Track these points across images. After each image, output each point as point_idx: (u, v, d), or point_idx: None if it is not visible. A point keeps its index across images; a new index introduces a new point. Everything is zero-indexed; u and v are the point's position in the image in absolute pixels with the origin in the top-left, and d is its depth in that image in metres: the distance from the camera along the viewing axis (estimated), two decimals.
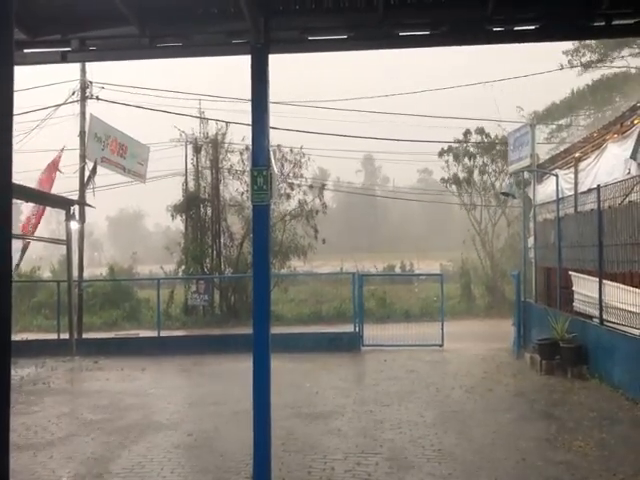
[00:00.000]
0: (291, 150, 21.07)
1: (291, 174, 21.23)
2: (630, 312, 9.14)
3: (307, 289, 24.62)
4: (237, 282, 21.09)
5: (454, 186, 22.38)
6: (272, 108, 5.60)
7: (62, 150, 17.64)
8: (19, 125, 18.06)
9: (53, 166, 17.21)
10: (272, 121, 5.64)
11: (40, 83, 18.74)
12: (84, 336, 15.74)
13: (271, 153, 5.54)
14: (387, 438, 7.05)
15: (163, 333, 14.90)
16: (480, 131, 22.22)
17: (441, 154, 22.50)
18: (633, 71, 26.80)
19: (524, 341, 12.94)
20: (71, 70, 17.82)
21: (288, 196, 21.23)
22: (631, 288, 9.24)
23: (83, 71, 17.84)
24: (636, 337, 8.69)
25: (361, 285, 14.76)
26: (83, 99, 17.80)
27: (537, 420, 7.80)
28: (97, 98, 17.73)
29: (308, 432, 7.37)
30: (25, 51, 5.83)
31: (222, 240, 22.15)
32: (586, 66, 27.34)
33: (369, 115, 25.46)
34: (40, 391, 10.25)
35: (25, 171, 16.92)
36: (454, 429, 7.38)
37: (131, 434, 7.47)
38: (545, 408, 8.40)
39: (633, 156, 9.51)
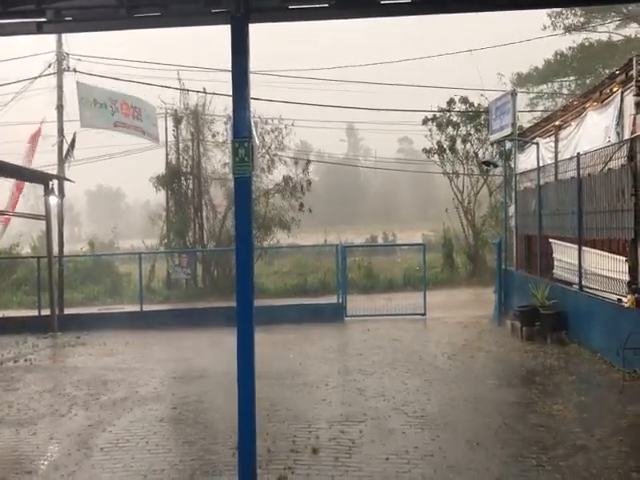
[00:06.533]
0: (271, 120, 20.84)
1: (273, 146, 21.02)
2: (608, 278, 9.28)
3: (291, 261, 24.60)
4: (220, 255, 21.00)
5: (436, 155, 22.30)
6: (253, 78, 5.48)
7: (42, 123, 17.33)
8: None
9: (33, 138, 16.90)
10: (253, 92, 5.53)
11: (13, 55, 18.31)
12: (65, 312, 15.63)
13: (252, 124, 5.44)
14: (371, 406, 7.13)
15: (145, 307, 14.83)
16: (464, 100, 22.11)
17: (425, 122, 22.37)
18: (615, 38, 26.81)
19: (505, 308, 13.11)
20: (47, 42, 17.44)
21: (269, 168, 21.02)
22: (609, 254, 9.37)
23: (59, 42, 17.39)
24: (614, 302, 8.84)
25: (344, 257, 14.79)
26: (60, 72, 17.37)
27: (518, 385, 7.94)
28: (74, 70, 17.31)
29: (292, 402, 7.42)
30: None
31: (204, 213, 21.99)
32: (569, 29, 27.30)
33: (352, 85, 25.26)
34: (22, 368, 10.19)
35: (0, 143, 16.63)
36: (437, 396, 7.49)
37: (115, 409, 7.47)
38: (525, 373, 8.55)
39: (617, 123, 9.52)
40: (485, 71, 22.82)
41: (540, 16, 27.42)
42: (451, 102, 22.18)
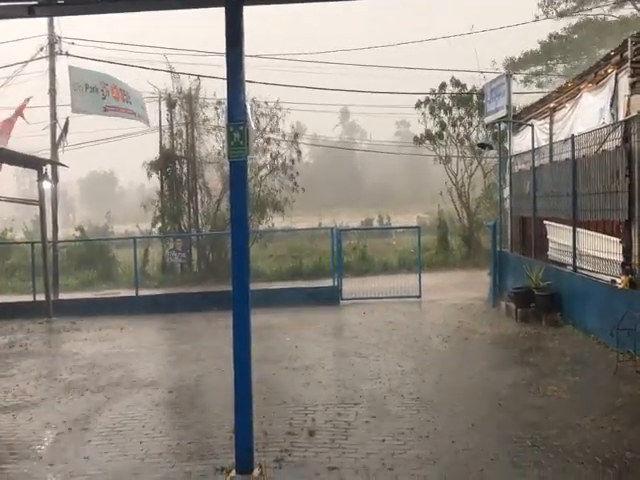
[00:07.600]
0: (266, 103, 20.71)
1: (267, 128, 20.92)
2: (602, 259, 9.31)
3: (286, 245, 24.57)
4: (215, 239, 20.96)
5: (428, 141, 22.20)
6: (247, 61, 5.41)
7: (27, 99, 17.10)
8: None
9: (16, 113, 16.70)
10: (247, 74, 5.47)
11: (3, 38, 18.06)
12: (60, 297, 15.59)
13: (248, 108, 5.38)
14: (367, 388, 7.17)
15: (141, 292, 14.80)
16: (456, 83, 21.95)
17: (418, 106, 22.24)
18: (610, 19, 26.64)
19: (500, 290, 13.15)
20: (38, 25, 17.24)
21: (264, 150, 20.94)
22: (603, 235, 9.39)
23: (51, 26, 17.16)
24: (608, 283, 8.88)
25: (339, 240, 14.79)
26: (52, 55, 17.16)
27: (513, 367, 7.98)
28: (67, 54, 17.10)
29: (289, 385, 7.46)
30: None
31: (199, 197, 21.90)
32: (562, 14, 27.09)
33: (347, 68, 25.09)
34: (17, 354, 10.18)
35: None
36: (432, 378, 7.53)
37: (111, 393, 7.48)
38: (520, 355, 8.60)
39: (612, 105, 9.48)
40: (480, 57, 22.72)
41: (532, 6, 27.22)
42: (443, 85, 22.06)
